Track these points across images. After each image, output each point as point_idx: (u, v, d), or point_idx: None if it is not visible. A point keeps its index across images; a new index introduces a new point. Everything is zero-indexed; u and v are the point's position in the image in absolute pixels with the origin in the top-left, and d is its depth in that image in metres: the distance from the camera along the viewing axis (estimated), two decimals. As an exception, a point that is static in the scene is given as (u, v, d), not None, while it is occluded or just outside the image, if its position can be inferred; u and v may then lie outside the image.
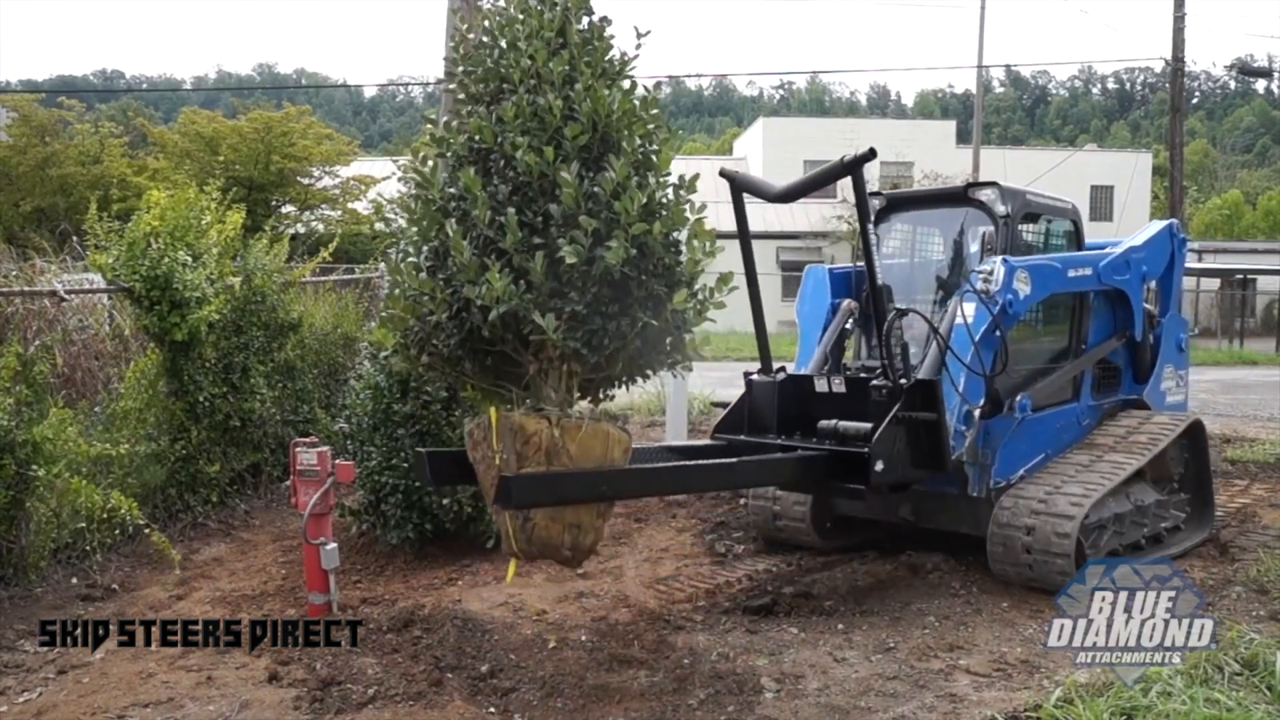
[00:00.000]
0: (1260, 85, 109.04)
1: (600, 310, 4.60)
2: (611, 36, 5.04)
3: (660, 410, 11.81)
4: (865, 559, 7.75)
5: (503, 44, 4.91)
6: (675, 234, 4.82)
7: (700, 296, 4.93)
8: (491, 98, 4.94)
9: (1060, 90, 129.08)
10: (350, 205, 26.68)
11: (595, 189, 4.55)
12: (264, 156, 24.22)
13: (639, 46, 5.06)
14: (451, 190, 4.80)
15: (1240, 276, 38.46)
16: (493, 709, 5.03)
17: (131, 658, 5.82)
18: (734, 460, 6.11)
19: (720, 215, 7.04)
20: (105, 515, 7.14)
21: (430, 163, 4.93)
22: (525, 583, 7.02)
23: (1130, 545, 7.36)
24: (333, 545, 6.44)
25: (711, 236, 4.91)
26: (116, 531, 7.55)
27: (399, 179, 5.21)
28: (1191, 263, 36.02)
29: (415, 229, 4.91)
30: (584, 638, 5.99)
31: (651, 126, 4.97)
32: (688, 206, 4.87)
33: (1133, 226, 9.00)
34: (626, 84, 4.95)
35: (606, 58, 4.93)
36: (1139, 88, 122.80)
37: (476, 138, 4.77)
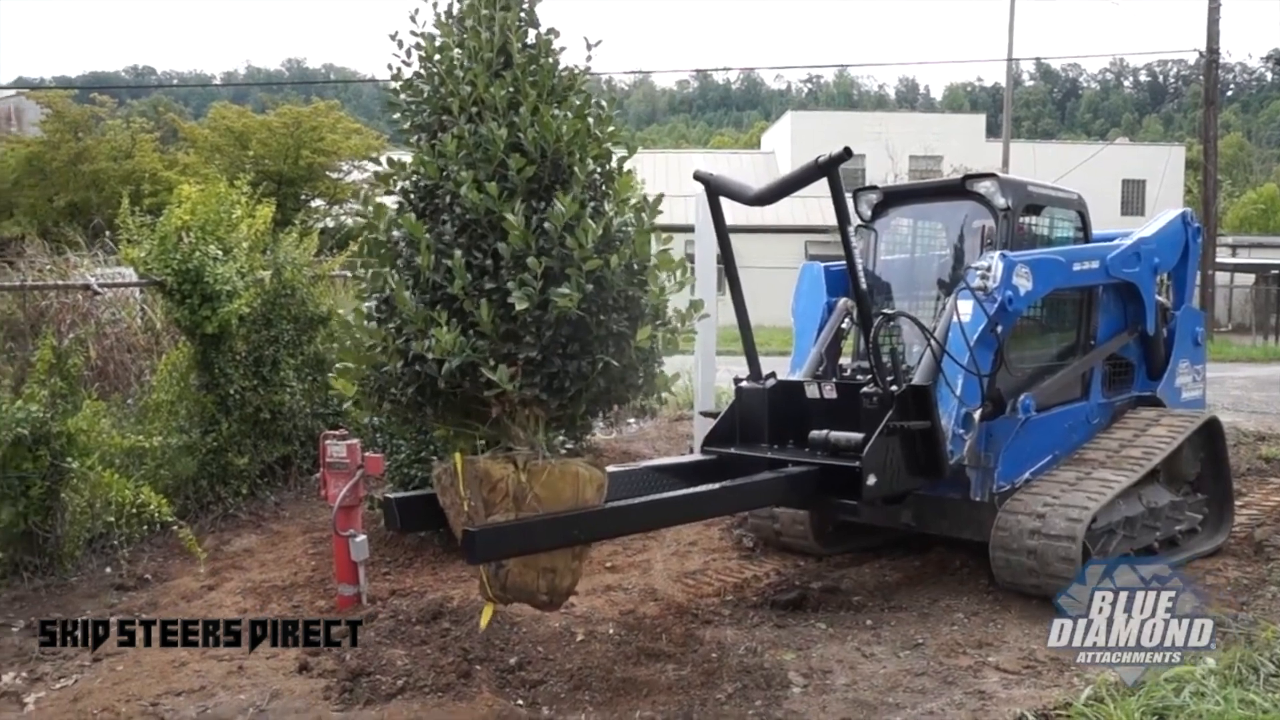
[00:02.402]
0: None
1: (558, 353, 4.37)
2: (561, 50, 4.74)
3: (689, 404, 11.80)
4: (893, 555, 7.72)
5: (442, 69, 4.60)
6: (637, 263, 4.56)
7: (671, 326, 4.72)
8: (435, 128, 4.64)
9: (1091, 83, 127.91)
10: (380, 199, 26.76)
11: (546, 224, 4.28)
12: (293, 151, 24.33)
13: (590, 59, 4.78)
14: (396, 234, 4.55)
15: (1276, 271, 37.96)
16: (521, 701, 5.05)
17: (164, 646, 5.88)
18: (717, 486, 5.87)
19: (750, 210, 7.01)
20: (136, 509, 7.21)
21: (375, 202, 4.67)
22: (553, 576, 7.03)
23: (1142, 549, 7.07)
24: (362, 537, 6.48)
25: (681, 264, 4.69)
26: (146, 526, 7.63)
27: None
28: (1225, 257, 35.70)
29: (365, 273, 4.67)
30: (612, 631, 6.00)
31: (608, 145, 4.71)
32: (652, 234, 4.62)
33: (1166, 221, 8.77)
34: (579, 100, 4.67)
35: (554, 75, 4.63)
36: (1172, 80, 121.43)
37: (420, 171, 4.55)
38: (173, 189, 9.76)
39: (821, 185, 6.05)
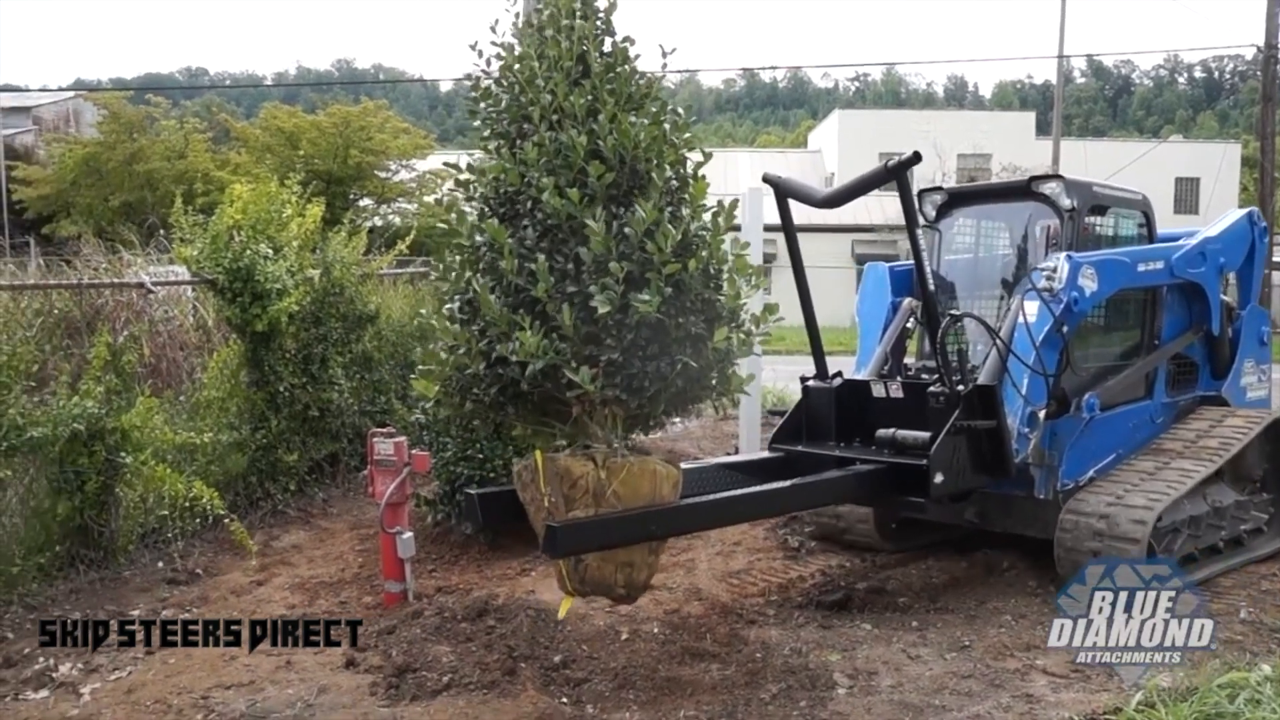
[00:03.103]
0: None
1: (638, 354, 4.49)
2: (637, 57, 4.85)
3: (734, 402, 11.78)
4: (940, 556, 7.66)
5: (522, 78, 4.73)
6: (713, 267, 4.68)
7: (745, 328, 4.83)
8: (515, 135, 4.78)
9: (1144, 80, 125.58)
10: (426, 198, 26.96)
11: (626, 230, 4.40)
12: (342, 151, 24.55)
13: (665, 65, 4.90)
14: (479, 239, 4.66)
15: (1334, 271, 37.14)
16: (565, 699, 5.07)
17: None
18: (788, 484, 6.00)
19: (796, 209, 7.01)
20: (188, 504, 7.32)
21: (455, 211, 4.78)
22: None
23: (1207, 548, 7.09)
24: (409, 534, 6.53)
25: (758, 272, 4.78)
26: (198, 520, 7.74)
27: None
28: (1282, 256, 34.97)
29: (448, 279, 4.83)
30: (656, 630, 6.00)
31: (684, 151, 4.83)
32: (726, 239, 4.73)
33: (1220, 220, 8.74)
34: (655, 107, 4.78)
35: (631, 83, 4.74)
36: (1228, 76, 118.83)
37: (501, 177, 4.65)
38: (224, 188, 9.89)
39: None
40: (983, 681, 5.20)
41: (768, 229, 9.24)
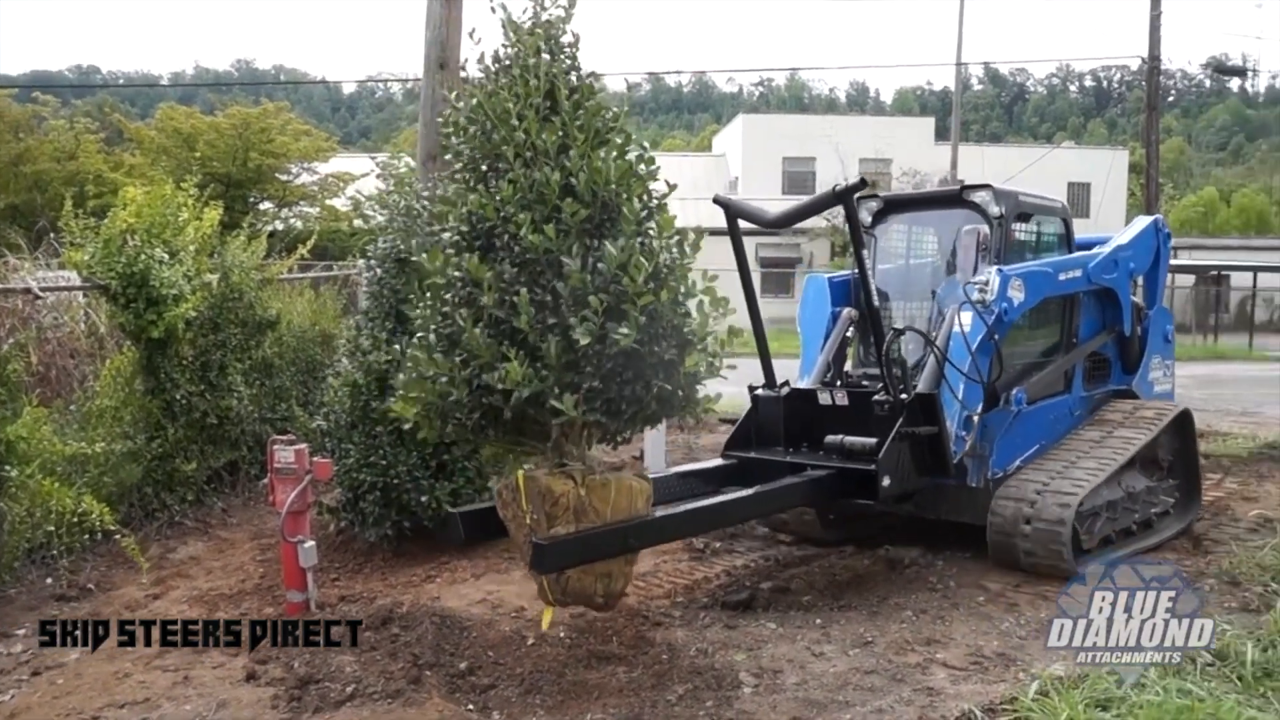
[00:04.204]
0: (1235, 84, 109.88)
1: (616, 380, 4.71)
2: (602, 90, 5.05)
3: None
4: (843, 554, 7.81)
5: (494, 115, 4.85)
6: (681, 295, 4.87)
7: (711, 352, 5.03)
8: (488, 170, 4.92)
9: (1038, 88, 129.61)
10: (329, 202, 26.57)
11: (600, 264, 4.58)
12: (242, 153, 24.03)
13: (628, 100, 5.14)
14: (456, 274, 4.81)
15: (1214, 273, 38.73)
16: (471, 706, 5.03)
17: (107, 658, 5.78)
18: (751, 492, 6.29)
19: (701, 210, 7.10)
20: (76, 518, 7.07)
21: (428, 249, 4.93)
22: (503, 580, 7.02)
23: (1122, 530, 7.59)
24: (310, 543, 6.42)
25: (725, 302, 4.97)
26: (87, 536, 7.47)
27: (377, 175, 5.23)
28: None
29: (421, 311, 4.99)
30: (562, 634, 5.98)
31: (651, 184, 5.01)
32: (695, 272, 4.93)
33: (1109, 222, 9.22)
34: (620, 139, 4.95)
35: (598, 117, 4.91)
36: (1116, 85, 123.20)
37: (479, 213, 4.78)
38: (118, 191, 9.60)
39: (772, 188, 6.25)
40: (885, 676, 5.29)
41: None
